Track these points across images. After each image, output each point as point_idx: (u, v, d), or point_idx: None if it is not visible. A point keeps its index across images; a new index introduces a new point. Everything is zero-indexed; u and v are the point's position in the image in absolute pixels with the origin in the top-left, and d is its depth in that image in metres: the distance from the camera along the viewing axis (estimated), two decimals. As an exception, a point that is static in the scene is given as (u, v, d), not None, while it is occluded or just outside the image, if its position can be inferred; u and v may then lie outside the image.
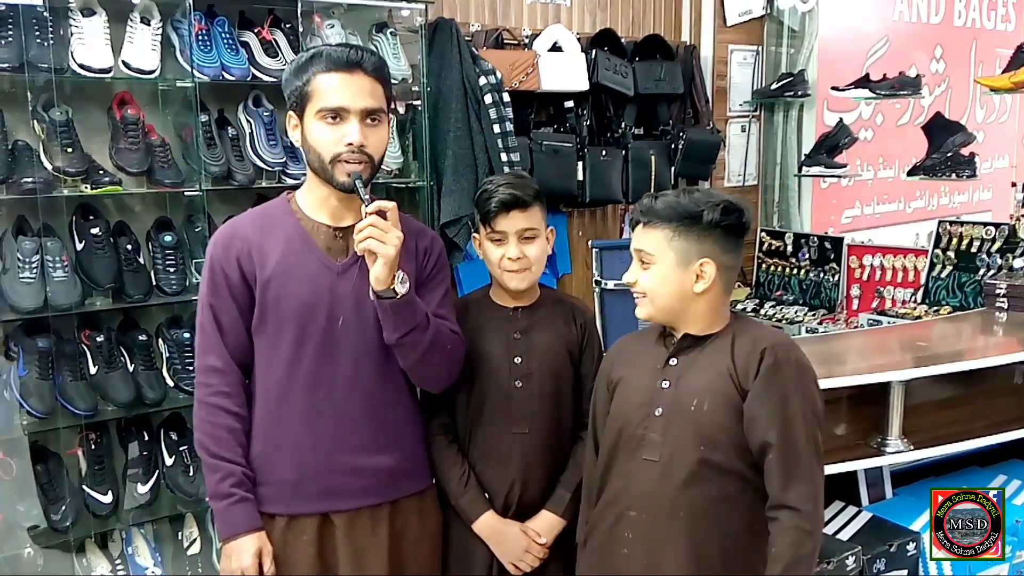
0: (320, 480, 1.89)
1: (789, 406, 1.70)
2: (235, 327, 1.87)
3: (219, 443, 1.84)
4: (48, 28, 2.52)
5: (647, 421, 1.79)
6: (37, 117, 2.59)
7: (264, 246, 1.87)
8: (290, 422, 1.88)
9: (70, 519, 2.60)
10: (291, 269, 1.86)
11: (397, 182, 3.34)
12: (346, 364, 1.88)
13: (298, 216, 1.91)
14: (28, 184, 2.52)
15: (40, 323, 2.59)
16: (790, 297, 4.31)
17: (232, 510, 1.83)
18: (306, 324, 1.86)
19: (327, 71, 1.80)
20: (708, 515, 1.74)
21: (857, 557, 2.47)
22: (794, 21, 4.67)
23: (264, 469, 1.88)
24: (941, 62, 5.76)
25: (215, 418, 1.85)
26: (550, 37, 3.72)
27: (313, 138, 1.82)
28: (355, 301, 1.87)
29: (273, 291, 1.86)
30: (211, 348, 1.87)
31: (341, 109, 1.80)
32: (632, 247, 1.82)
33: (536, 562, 2.11)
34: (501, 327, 2.15)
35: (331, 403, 1.88)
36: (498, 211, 2.06)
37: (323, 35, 3.03)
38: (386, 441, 1.94)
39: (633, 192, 4.00)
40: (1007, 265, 3.51)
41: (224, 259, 1.87)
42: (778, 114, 4.73)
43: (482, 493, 2.14)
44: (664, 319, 1.83)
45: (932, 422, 2.73)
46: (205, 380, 1.87)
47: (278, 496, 1.88)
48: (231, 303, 1.87)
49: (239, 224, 1.94)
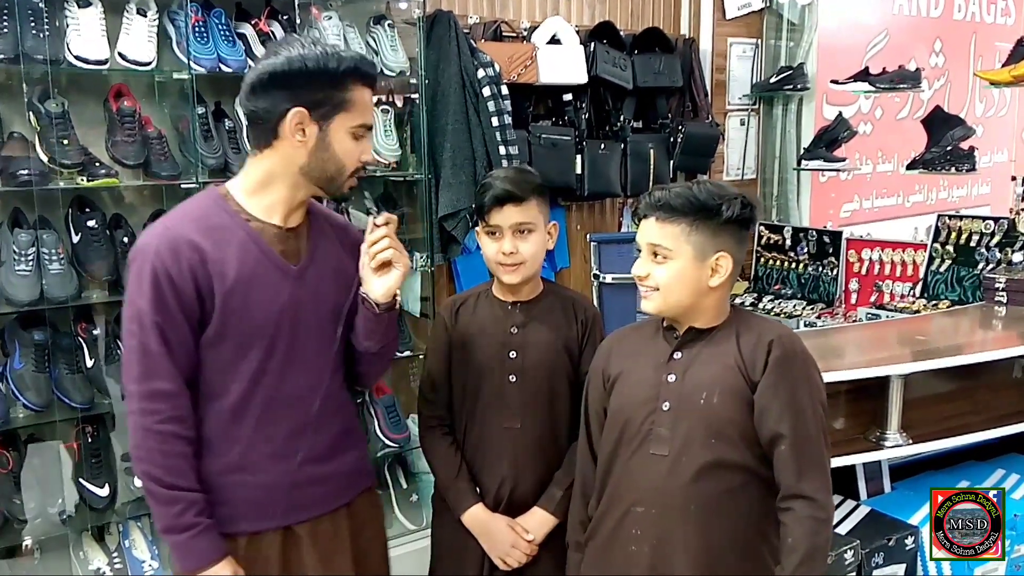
0: (285, 495, 1.79)
1: (800, 397, 1.71)
2: (185, 344, 1.70)
3: (175, 473, 1.69)
4: (44, 19, 2.50)
5: (654, 416, 1.78)
6: (33, 109, 2.58)
7: (218, 253, 1.71)
8: (249, 438, 1.77)
9: (67, 512, 2.60)
10: (252, 279, 1.73)
11: (395, 175, 3.33)
12: (308, 371, 1.80)
13: (244, 218, 1.76)
14: (24, 176, 2.50)
15: (36, 316, 2.58)
16: (788, 291, 4.31)
17: (196, 541, 1.69)
18: (274, 334, 1.76)
19: (365, 85, 1.75)
20: (718, 508, 1.74)
21: (856, 551, 2.47)
22: (793, 14, 4.65)
23: (222, 489, 1.75)
24: (940, 56, 5.75)
25: (168, 446, 1.68)
26: (549, 30, 3.71)
27: (341, 150, 1.74)
28: (313, 306, 1.81)
29: (237, 302, 1.72)
30: (157, 371, 1.67)
31: (369, 128, 1.79)
32: (643, 240, 1.80)
33: (524, 558, 2.11)
34: (498, 322, 2.15)
35: (291, 414, 1.80)
36: (492, 205, 2.06)
37: (320, 27, 3.02)
38: (342, 444, 1.89)
39: (632, 185, 3.99)
40: (1006, 259, 3.51)
41: (175, 271, 1.67)
42: (777, 107, 4.71)
43: (472, 486, 2.14)
44: (673, 313, 1.81)
45: (931, 416, 2.73)
46: (151, 407, 1.67)
47: (240, 515, 1.77)
48: (182, 318, 1.69)
49: (180, 230, 1.72)
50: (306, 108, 1.70)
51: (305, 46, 1.70)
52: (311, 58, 1.68)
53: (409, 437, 3.27)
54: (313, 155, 1.74)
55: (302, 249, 1.81)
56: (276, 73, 1.69)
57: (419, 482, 3.37)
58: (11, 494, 2.56)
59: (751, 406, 1.73)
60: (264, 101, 1.71)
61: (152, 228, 1.78)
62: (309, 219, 1.85)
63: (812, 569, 1.68)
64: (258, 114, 1.73)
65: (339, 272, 1.84)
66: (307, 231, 1.84)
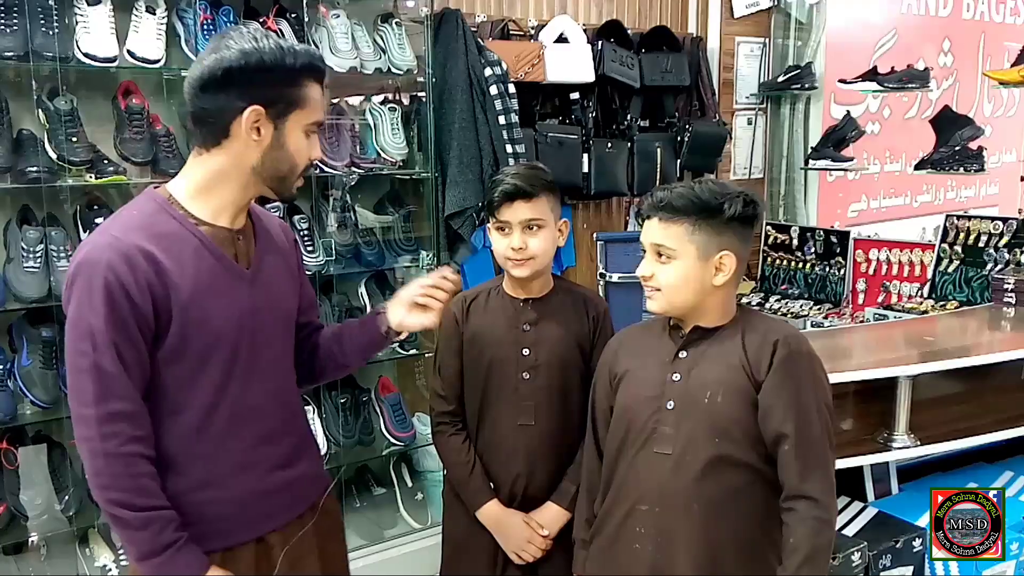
0: (257, 505, 1.73)
1: (804, 397, 1.70)
2: (140, 361, 1.58)
3: (146, 494, 1.57)
4: (53, 17, 2.51)
5: (658, 414, 1.78)
6: (42, 106, 2.59)
7: (170, 264, 1.59)
8: (216, 453, 1.68)
9: (73, 508, 2.60)
10: (209, 288, 1.63)
11: (401, 173, 3.33)
12: (269, 378, 1.74)
13: (193, 222, 1.65)
14: (33, 173, 2.51)
15: (44, 313, 2.59)
16: (795, 291, 4.30)
17: (181, 557, 1.59)
18: (236, 344, 1.67)
19: (318, 82, 1.68)
20: (722, 507, 1.74)
21: (863, 553, 2.46)
22: (801, 13, 4.64)
23: (191, 507, 1.64)
24: (949, 55, 5.73)
25: (135, 469, 1.56)
26: (556, 28, 3.70)
27: (295, 148, 1.66)
28: (270, 309, 1.74)
29: (196, 313, 1.61)
30: (116, 392, 1.55)
31: (319, 124, 1.70)
32: (647, 241, 1.80)
33: (539, 553, 2.12)
34: (510, 318, 2.15)
35: (256, 423, 1.72)
36: (502, 201, 2.06)
37: (328, 25, 3.02)
38: (303, 447, 1.85)
39: (638, 185, 3.99)
40: (1015, 260, 3.49)
41: (131, 285, 1.54)
42: (785, 107, 4.71)
43: (487, 482, 2.15)
44: (678, 313, 1.81)
45: (939, 418, 2.72)
46: (112, 430, 1.54)
47: (212, 532, 1.67)
48: (137, 334, 1.57)
49: (130, 239, 1.58)
50: (262, 106, 1.60)
51: (258, 40, 1.59)
52: (267, 53, 1.58)
53: (414, 436, 3.27)
54: (267, 154, 1.64)
55: (251, 251, 1.73)
56: (230, 69, 1.57)
57: (424, 480, 3.37)
58: (18, 490, 2.56)
59: (755, 406, 1.72)
60: (216, 98, 1.60)
61: (96, 239, 1.61)
62: (251, 219, 1.76)
63: (814, 570, 1.67)
64: (208, 112, 1.62)
65: (287, 272, 1.81)
66: (251, 232, 1.75)
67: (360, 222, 3.25)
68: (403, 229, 3.34)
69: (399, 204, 3.37)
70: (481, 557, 2.17)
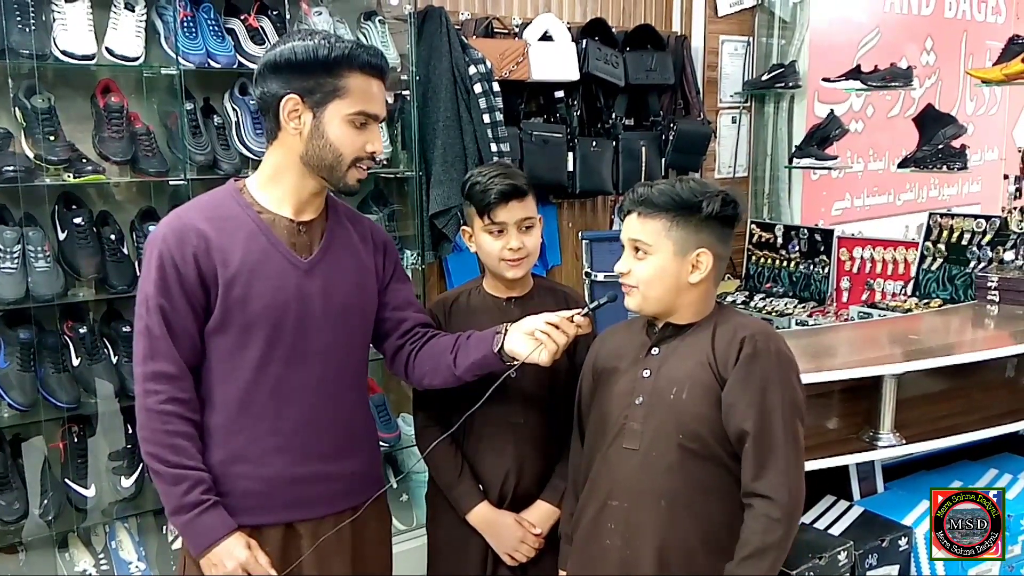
0: (287, 490, 1.80)
1: (768, 396, 1.70)
2: (187, 330, 1.73)
3: (180, 452, 1.71)
4: (30, 14, 2.48)
5: (628, 410, 1.79)
6: (18, 104, 2.55)
7: (223, 242, 1.74)
8: (254, 429, 1.78)
9: (52, 513, 2.57)
10: (257, 267, 1.75)
11: (386, 172, 3.31)
12: (314, 367, 1.80)
13: (256, 209, 1.79)
14: (9, 172, 2.47)
15: (22, 314, 2.56)
16: (780, 289, 4.31)
17: (206, 517, 1.71)
18: (276, 325, 1.76)
19: (364, 74, 1.74)
20: (688, 504, 1.74)
21: (849, 552, 2.45)
22: (785, 12, 4.65)
23: (225, 480, 1.76)
24: (932, 54, 5.76)
25: (171, 426, 1.71)
26: (540, 26, 3.69)
27: (336, 137, 1.74)
28: (323, 300, 1.80)
29: (238, 291, 1.73)
30: (161, 353, 1.71)
31: (374, 117, 1.77)
32: (626, 236, 1.80)
33: (532, 552, 2.11)
34: (495, 317, 2.13)
35: (298, 408, 1.80)
36: (498, 202, 2.05)
37: (311, 22, 2.99)
38: (350, 445, 1.89)
39: (624, 183, 3.98)
40: (998, 258, 3.50)
41: (179, 256, 1.71)
42: (769, 105, 4.71)
43: (476, 484, 2.13)
44: (654, 310, 1.81)
45: (924, 416, 2.72)
46: (154, 387, 1.71)
47: (241, 507, 1.77)
48: (185, 304, 1.72)
49: (189, 218, 1.77)
50: (298, 95, 1.72)
51: (305, 37, 1.75)
52: (303, 46, 1.72)
53: (399, 436, 3.25)
54: (309, 143, 1.75)
55: (315, 243, 1.82)
56: (272, 62, 1.74)
57: (410, 482, 3.35)
58: (-4, 495, 2.53)
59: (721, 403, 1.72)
60: (264, 89, 1.76)
61: (165, 218, 1.82)
62: (328, 214, 1.87)
63: (758, 567, 1.67)
64: (262, 102, 1.78)
65: (356, 269, 1.85)
66: (323, 226, 1.85)
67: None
68: (387, 228, 3.31)
69: (383, 203, 3.35)
70: (470, 559, 2.15)
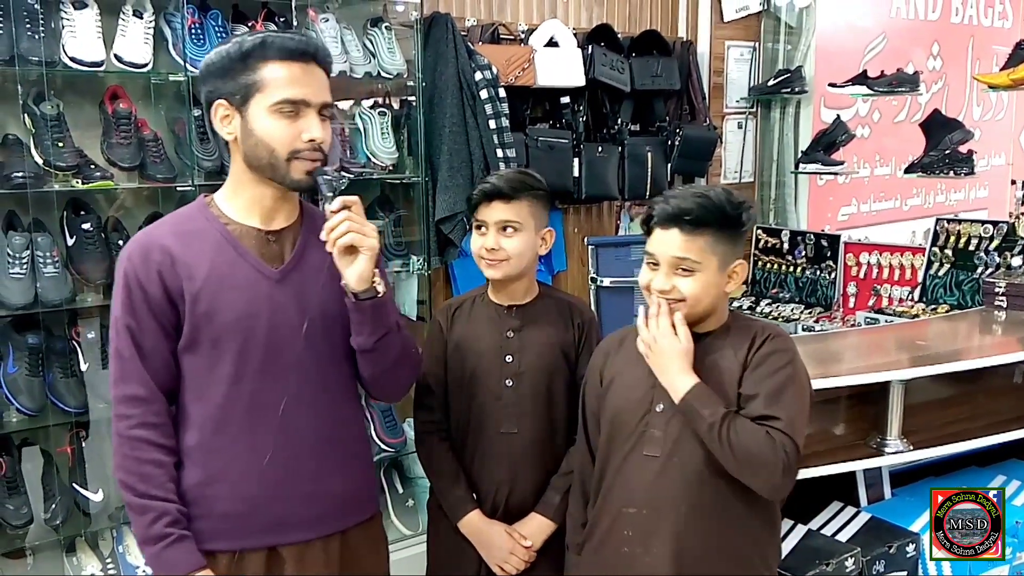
0: (268, 511, 1.71)
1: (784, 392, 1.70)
2: (157, 349, 1.67)
3: (147, 480, 1.64)
4: (39, 21, 2.49)
5: (648, 417, 1.78)
6: (28, 111, 2.56)
7: (189, 256, 1.68)
8: (232, 449, 1.69)
9: (60, 518, 2.58)
10: (224, 280, 1.68)
11: (392, 178, 3.31)
12: (291, 381, 1.70)
13: (223, 221, 1.72)
14: (18, 178, 2.48)
15: (30, 319, 2.56)
16: (786, 295, 4.30)
17: (170, 552, 1.63)
18: (247, 338, 1.68)
19: (281, 60, 1.63)
20: (709, 511, 1.73)
21: (856, 559, 2.45)
22: (791, 17, 4.65)
23: (202, 502, 1.69)
24: (938, 59, 5.75)
25: (140, 453, 1.64)
26: (546, 32, 3.69)
27: (264, 132, 1.64)
28: (297, 311, 1.70)
29: (205, 304, 1.66)
30: (131, 375, 1.65)
31: (303, 103, 1.64)
32: (666, 254, 1.73)
33: (521, 565, 2.09)
34: (494, 325, 2.13)
35: (276, 425, 1.70)
36: (480, 199, 2.07)
37: (317, 29, 3.01)
38: (336, 465, 1.78)
39: (629, 189, 3.98)
40: (1005, 263, 3.49)
41: (143, 274, 1.66)
42: (775, 111, 4.70)
43: (469, 492, 2.13)
44: (693, 322, 1.78)
45: (931, 422, 2.71)
46: (125, 411, 1.65)
47: (221, 531, 1.69)
48: (152, 323, 1.66)
49: (155, 234, 1.72)
50: (225, 99, 1.67)
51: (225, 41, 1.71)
52: (218, 50, 1.68)
53: (405, 442, 3.25)
54: (245, 145, 1.68)
55: (286, 252, 1.74)
56: (199, 75, 1.74)
57: (415, 487, 3.36)
58: (4, 499, 2.53)
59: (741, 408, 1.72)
60: (201, 103, 1.75)
61: (135, 235, 1.80)
62: (303, 221, 1.78)
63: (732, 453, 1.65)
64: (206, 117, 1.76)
65: (334, 278, 1.70)
66: (296, 234, 1.76)
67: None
68: (393, 234, 3.32)
69: (389, 209, 3.36)
70: (464, 568, 2.15)
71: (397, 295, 3.41)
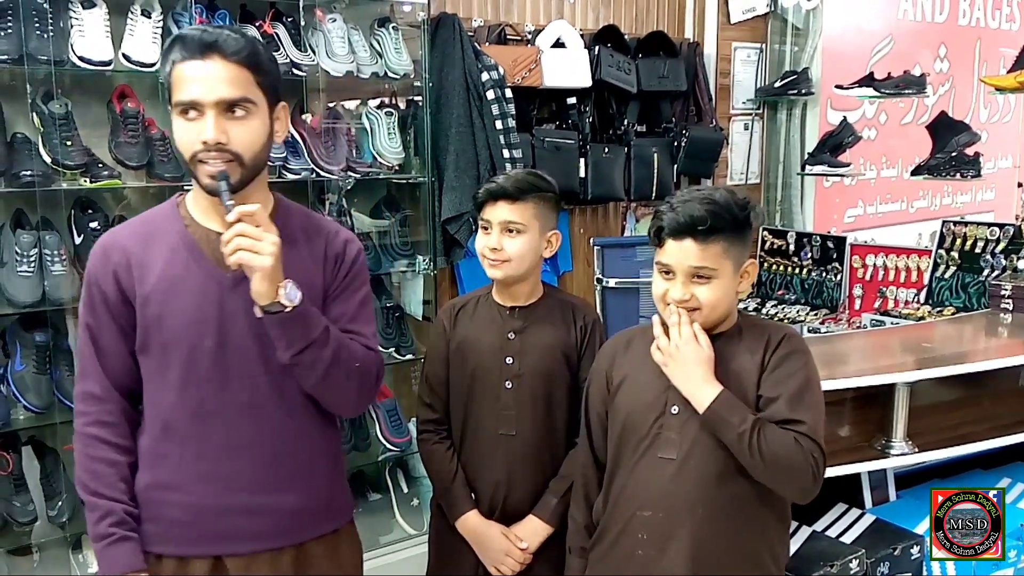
0: (213, 521, 1.67)
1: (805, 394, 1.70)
2: (115, 349, 1.66)
3: (97, 479, 1.64)
4: (48, 20, 2.50)
5: (662, 419, 1.77)
6: (36, 110, 2.57)
7: (145, 258, 1.65)
8: (179, 455, 1.66)
9: (67, 515, 2.59)
10: (175, 283, 1.63)
11: (398, 178, 3.32)
12: (241, 390, 1.65)
13: (186, 222, 1.68)
14: (27, 177, 2.50)
15: (38, 317, 2.58)
16: (792, 296, 4.29)
17: (111, 551, 1.62)
18: (195, 346, 1.63)
19: (182, 60, 1.56)
20: (725, 514, 1.73)
21: (861, 560, 2.45)
22: (798, 19, 4.65)
23: (151, 506, 1.67)
24: (945, 61, 5.74)
25: (92, 450, 1.65)
26: (553, 33, 3.70)
27: (176, 136, 1.60)
28: (249, 318, 1.61)
29: (154, 309, 1.63)
30: (88, 373, 1.67)
31: (194, 103, 1.55)
32: (683, 264, 1.72)
33: (517, 567, 2.10)
34: (496, 326, 2.14)
35: (224, 434, 1.66)
36: (485, 199, 2.07)
37: (325, 29, 3.02)
38: (290, 477, 1.71)
39: (635, 190, 3.99)
40: (1011, 266, 3.49)
41: (101, 274, 1.65)
42: (781, 112, 4.71)
43: (468, 492, 2.13)
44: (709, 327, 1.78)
45: (936, 424, 2.71)
46: (83, 408, 1.67)
47: (167, 535, 1.67)
48: (110, 322, 1.65)
49: (119, 234, 1.71)
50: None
51: None
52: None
53: (410, 441, 3.26)
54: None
55: None
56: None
57: (420, 486, 3.36)
58: (11, 496, 2.55)
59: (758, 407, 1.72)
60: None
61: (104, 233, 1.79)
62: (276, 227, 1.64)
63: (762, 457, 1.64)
64: None
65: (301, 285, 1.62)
66: None
67: (356, 226, 3.24)
68: (399, 234, 3.33)
69: (395, 208, 3.36)
70: (462, 568, 2.16)
71: (403, 295, 3.42)
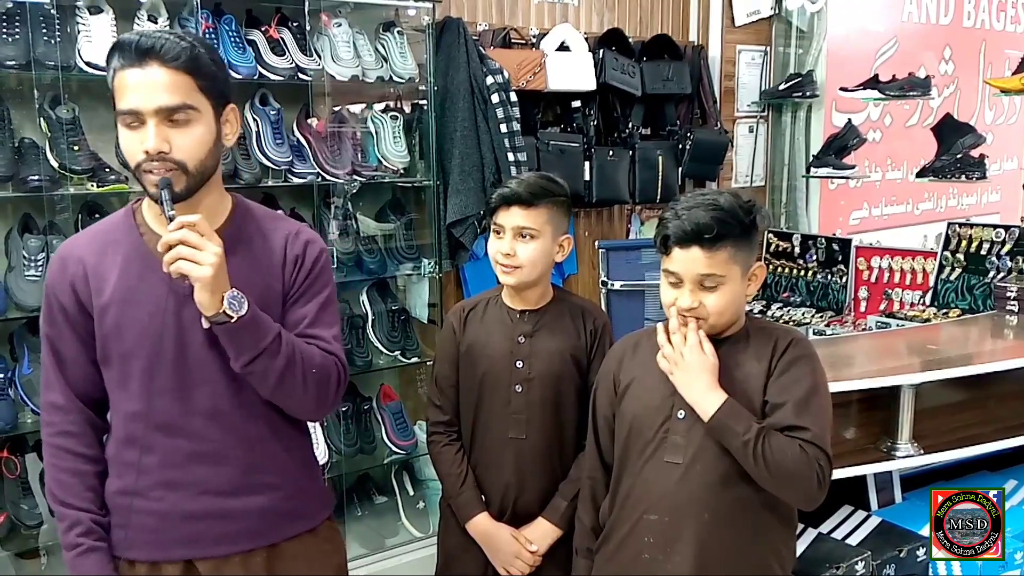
0: (182, 526, 1.66)
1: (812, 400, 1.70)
2: (77, 359, 1.65)
3: (64, 488, 1.65)
4: (55, 25, 2.52)
5: (669, 423, 1.77)
6: (44, 115, 2.59)
7: (101, 267, 1.63)
8: (144, 463, 1.65)
9: (73, 519, 2.59)
10: (131, 293, 1.62)
11: (403, 181, 3.33)
12: (203, 398, 1.64)
13: (141, 230, 1.65)
14: (34, 182, 2.51)
15: (45, 321, 2.58)
16: (797, 299, 4.29)
17: (80, 562, 1.63)
18: (153, 355, 1.62)
19: (122, 68, 1.52)
20: (731, 518, 1.73)
21: (867, 562, 2.45)
22: (802, 21, 4.65)
23: (121, 512, 1.67)
24: (950, 63, 5.74)
25: (59, 460, 1.66)
26: (557, 36, 3.70)
27: (122, 146, 1.58)
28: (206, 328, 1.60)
29: (111, 320, 1.62)
30: (52, 384, 1.66)
31: (133, 111, 1.52)
32: (691, 272, 1.71)
33: (526, 568, 2.11)
34: (506, 330, 2.14)
35: (188, 441, 1.65)
36: (499, 204, 2.07)
37: (330, 34, 3.03)
38: (258, 480, 1.70)
39: (640, 192, 3.99)
40: (1017, 268, 3.48)
41: (59, 285, 1.64)
42: (786, 115, 4.70)
43: (478, 494, 2.14)
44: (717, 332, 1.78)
45: (942, 426, 2.71)
46: (48, 419, 1.67)
47: (137, 541, 1.67)
48: (70, 333, 1.64)
49: (76, 243, 1.70)
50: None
51: None
52: None
53: (416, 444, 3.27)
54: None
55: None
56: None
57: (426, 489, 3.37)
58: (18, 499, 2.56)
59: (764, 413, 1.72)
60: None
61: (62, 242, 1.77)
62: (232, 230, 1.66)
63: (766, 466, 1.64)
64: None
65: (253, 290, 1.60)
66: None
67: (362, 230, 3.25)
68: (405, 237, 3.34)
69: (401, 212, 3.37)
70: (471, 569, 2.16)
71: (408, 298, 3.43)
